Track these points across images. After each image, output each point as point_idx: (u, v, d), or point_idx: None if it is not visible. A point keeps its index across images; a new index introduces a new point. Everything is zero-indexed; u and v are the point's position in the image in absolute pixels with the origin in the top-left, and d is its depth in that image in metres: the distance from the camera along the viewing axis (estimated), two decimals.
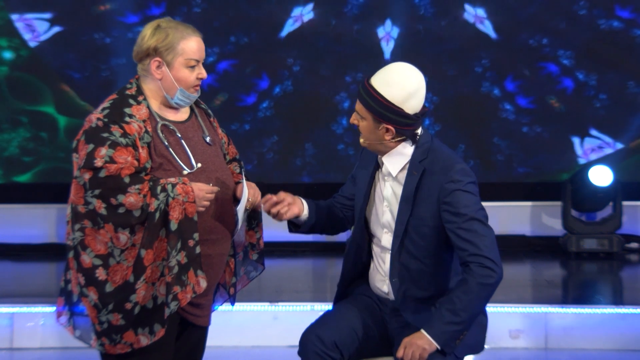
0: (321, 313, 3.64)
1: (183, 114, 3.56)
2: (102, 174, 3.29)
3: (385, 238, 3.54)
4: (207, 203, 3.39)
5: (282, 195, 3.54)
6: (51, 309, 5.48)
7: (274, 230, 6.85)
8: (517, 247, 7.41)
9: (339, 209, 3.72)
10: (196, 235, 3.36)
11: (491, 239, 3.38)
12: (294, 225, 3.66)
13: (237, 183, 3.61)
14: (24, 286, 6.47)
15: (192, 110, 3.61)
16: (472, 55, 7.55)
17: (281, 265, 6.97)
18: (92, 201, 3.29)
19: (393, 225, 3.49)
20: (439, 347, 3.34)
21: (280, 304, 5.57)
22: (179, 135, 3.48)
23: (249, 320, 5.53)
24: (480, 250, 3.34)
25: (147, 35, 3.46)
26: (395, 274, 3.49)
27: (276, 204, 3.52)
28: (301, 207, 3.60)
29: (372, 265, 3.62)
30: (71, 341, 5.32)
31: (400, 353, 3.35)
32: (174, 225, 3.32)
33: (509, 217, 7.32)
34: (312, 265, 7.25)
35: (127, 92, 3.47)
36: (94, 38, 7.51)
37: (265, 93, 7.58)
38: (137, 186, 3.29)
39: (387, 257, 3.54)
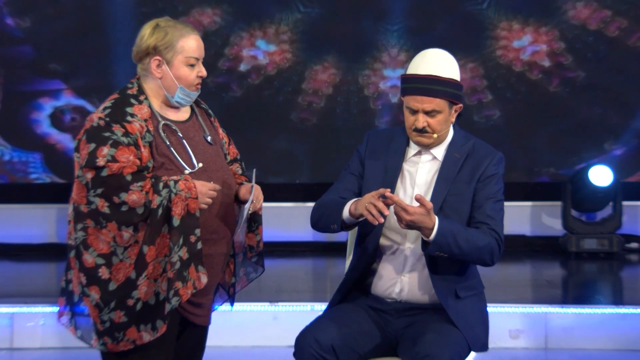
0: (321, 313, 3.64)
1: (184, 114, 3.57)
2: (104, 173, 3.29)
3: None
4: (209, 200, 3.39)
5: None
6: (51, 309, 5.48)
7: (274, 230, 6.89)
8: (517, 247, 7.41)
9: None
10: (198, 231, 3.36)
11: (503, 216, 3.59)
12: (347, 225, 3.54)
13: (240, 184, 3.62)
14: (24, 286, 6.47)
15: (192, 110, 3.61)
16: None
17: (281, 265, 6.97)
18: (94, 200, 3.30)
19: None
20: (430, 239, 3.36)
21: (280, 304, 5.57)
22: (180, 135, 3.48)
23: (249, 320, 5.53)
24: (498, 227, 3.52)
25: (146, 35, 3.46)
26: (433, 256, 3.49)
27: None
28: None
29: (382, 263, 3.59)
30: (71, 341, 5.31)
31: (408, 212, 3.32)
32: (176, 221, 3.32)
33: (509, 217, 7.23)
34: (312, 265, 7.25)
35: (129, 91, 3.48)
36: None
37: None
38: (139, 183, 3.29)
39: (411, 246, 3.54)
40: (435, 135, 3.52)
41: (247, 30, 7.53)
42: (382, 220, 3.35)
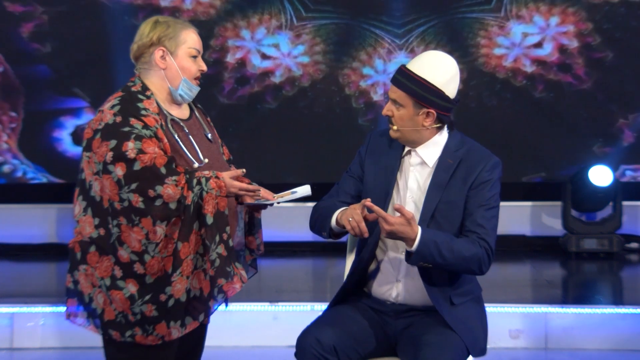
0: (321, 313, 3.64)
1: (185, 112, 3.58)
2: (137, 166, 3.28)
3: None
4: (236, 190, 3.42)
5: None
6: (51, 309, 5.48)
7: (274, 230, 6.89)
8: (517, 247, 7.41)
9: None
10: (228, 229, 3.38)
11: (496, 223, 3.51)
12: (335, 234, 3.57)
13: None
14: (24, 286, 6.47)
15: (191, 109, 3.63)
16: None
17: (281, 265, 6.98)
18: (127, 197, 3.29)
19: (417, 215, 3.49)
20: (412, 250, 3.35)
21: (280, 304, 5.57)
22: (187, 131, 3.50)
23: (249, 320, 5.53)
24: (488, 236, 3.45)
25: (148, 30, 3.50)
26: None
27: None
28: None
29: (378, 268, 3.59)
30: (71, 341, 5.34)
31: (388, 222, 3.32)
32: (209, 219, 3.34)
33: (509, 217, 7.30)
34: (312, 265, 7.25)
35: (133, 89, 3.49)
36: None
37: None
38: (174, 177, 3.31)
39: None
40: (395, 128, 3.51)
41: (234, 24, 7.55)
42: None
